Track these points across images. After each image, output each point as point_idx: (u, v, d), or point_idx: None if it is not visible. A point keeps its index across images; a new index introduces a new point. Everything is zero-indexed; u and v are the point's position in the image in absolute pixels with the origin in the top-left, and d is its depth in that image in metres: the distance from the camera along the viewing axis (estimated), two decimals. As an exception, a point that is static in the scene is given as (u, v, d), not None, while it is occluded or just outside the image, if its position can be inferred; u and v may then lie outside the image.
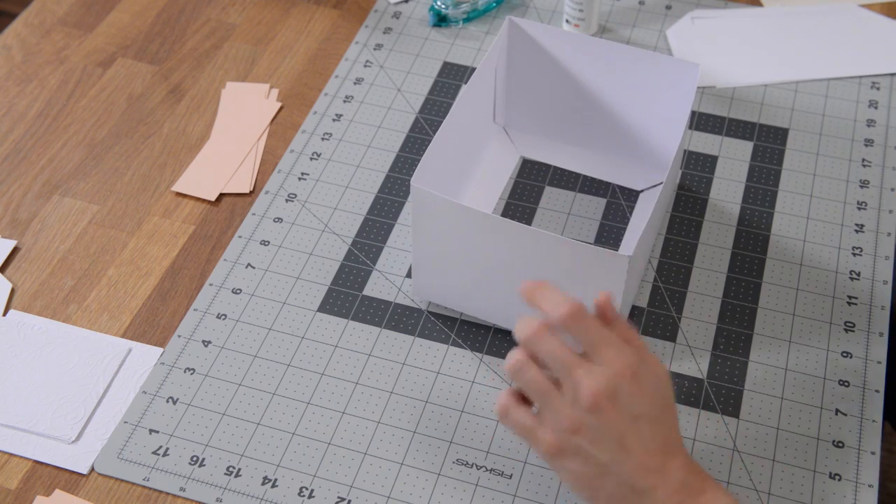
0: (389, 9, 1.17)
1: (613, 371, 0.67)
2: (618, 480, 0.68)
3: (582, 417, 0.67)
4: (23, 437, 0.82)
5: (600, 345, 0.68)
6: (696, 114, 1.05)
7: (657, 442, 0.68)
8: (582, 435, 0.67)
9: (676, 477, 0.68)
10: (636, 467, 0.67)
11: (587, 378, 0.67)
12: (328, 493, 0.79)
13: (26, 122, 1.06)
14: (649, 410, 0.68)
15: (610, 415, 0.67)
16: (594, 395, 0.66)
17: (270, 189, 0.99)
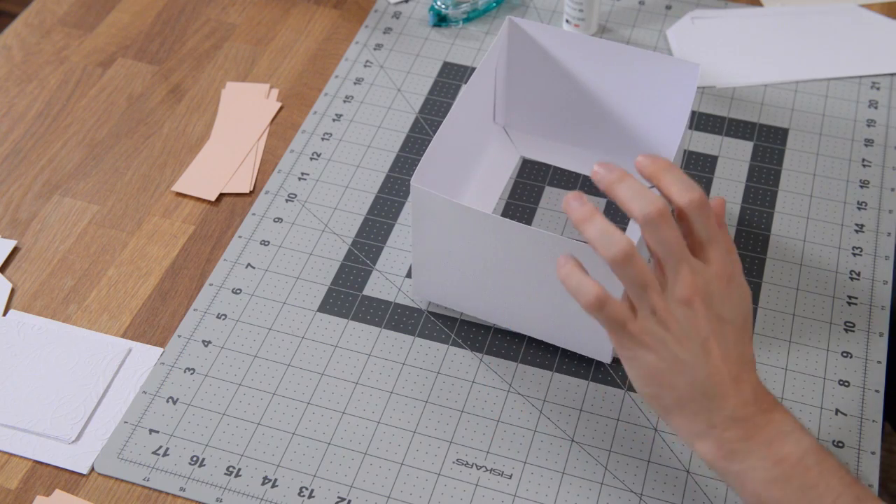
0: (389, 9, 1.17)
1: (715, 272, 0.67)
2: (692, 381, 0.66)
3: (674, 309, 0.66)
4: (23, 437, 0.82)
5: (713, 242, 0.67)
6: (696, 114, 1.05)
7: (737, 351, 0.67)
8: (670, 328, 0.66)
9: (749, 390, 0.67)
10: (713, 371, 0.66)
11: (692, 275, 0.66)
12: (328, 493, 0.79)
13: (26, 122, 1.06)
14: (735, 318, 0.68)
15: (700, 313, 0.66)
16: (692, 291, 0.66)
17: (270, 189, 0.99)
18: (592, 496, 0.78)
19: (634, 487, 0.79)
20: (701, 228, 0.68)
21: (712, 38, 1.13)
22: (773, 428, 0.67)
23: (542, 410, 0.83)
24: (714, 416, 0.67)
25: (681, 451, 0.81)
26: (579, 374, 0.85)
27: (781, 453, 0.66)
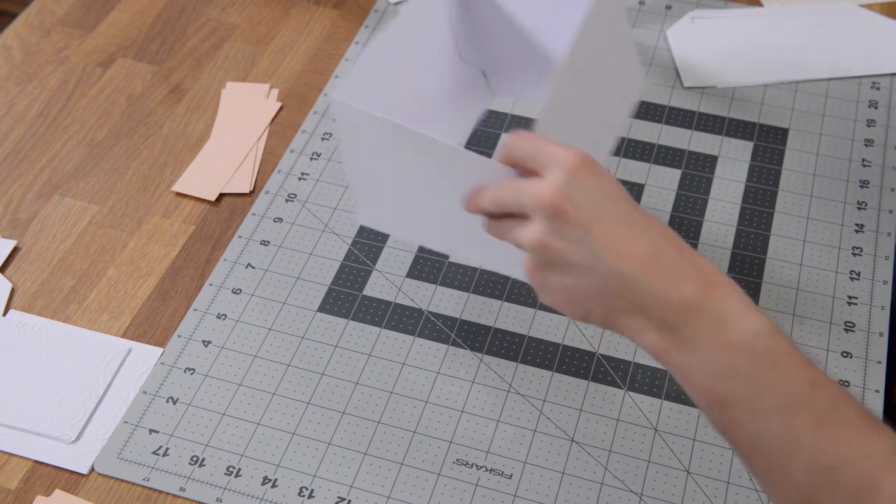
0: (389, 9, 1.17)
1: (562, 168, 0.63)
2: (602, 277, 0.62)
3: (544, 228, 0.63)
4: (23, 437, 0.82)
5: (542, 150, 0.64)
6: (697, 114, 1.05)
7: (636, 229, 0.62)
8: (551, 245, 0.63)
9: (674, 262, 0.61)
10: (621, 261, 0.61)
11: (537, 187, 0.63)
12: (328, 493, 0.79)
13: (26, 122, 1.06)
14: (610, 197, 0.63)
15: (571, 211, 0.62)
16: (549, 199, 0.62)
17: (270, 189, 0.99)
18: (592, 496, 0.78)
19: (634, 487, 0.79)
20: (526, 154, 0.65)
21: (712, 38, 1.13)
22: (717, 309, 0.60)
23: (542, 410, 0.83)
24: (647, 307, 0.62)
25: (681, 451, 0.81)
26: (579, 374, 0.85)
27: (727, 337, 0.59)
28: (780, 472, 0.58)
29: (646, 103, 1.06)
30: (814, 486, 0.57)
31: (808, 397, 0.58)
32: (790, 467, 0.58)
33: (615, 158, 1.01)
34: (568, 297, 0.65)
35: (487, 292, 0.91)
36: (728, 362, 0.59)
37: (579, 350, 0.87)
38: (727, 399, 0.59)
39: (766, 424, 0.58)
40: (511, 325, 0.88)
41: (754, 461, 0.60)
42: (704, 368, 0.60)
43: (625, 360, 0.86)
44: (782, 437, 0.57)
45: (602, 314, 0.64)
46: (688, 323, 0.60)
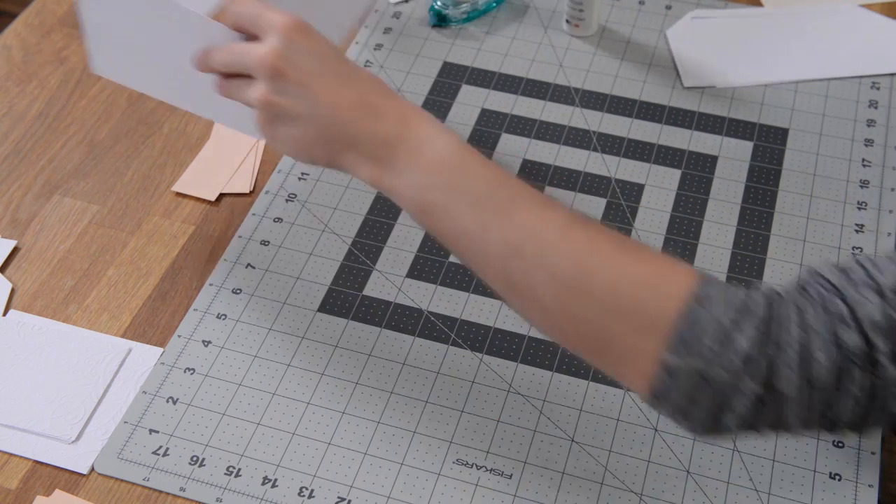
0: (389, 9, 1.17)
1: (279, 32, 0.73)
2: (321, 124, 0.73)
3: (268, 87, 0.73)
4: (23, 437, 0.82)
5: (261, 15, 0.74)
6: (697, 114, 1.05)
7: (350, 83, 0.73)
8: (275, 102, 0.73)
9: (376, 106, 0.72)
10: (335, 108, 0.72)
11: (258, 50, 0.73)
12: (328, 493, 0.79)
13: (26, 122, 1.06)
14: (328, 51, 0.74)
15: (289, 71, 0.72)
16: (269, 61, 0.72)
17: (270, 189, 0.99)
18: (592, 496, 0.78)
19: (634, 487, 0.79)
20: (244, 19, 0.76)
21: (712, 38, 1.13)
22: (413, 137, 0.71)
23: (542, 410, 0.83)
24: (358, 144, 0.72)
25: (681, 451, 0.81)
26: (579, 374, 0.85)
27: (424, 158, 0.71)
28: (480, 255, 0.70)
29: (646, 103, 1.06)
30: (506, 259, 0.68)
31: (493, 191, 0.69)
32: (486, 249, 0.69)
33: (615, 158, 1.01)
34: (295, 145, 0.75)
35: (487, 292, 0.91)
36: (427, 178, 0.71)
37: (579, 350, 0.87)
38: (431, 207, 0.71)
39: (463, 219, 0.69)
40: (511, 325, 0.88)
41: (460, 251, 0.71)
42: (409, 186, 0.71)
43: (625, 360, 0.86)
44: (476, 226, 0.69)
45: (325, 156, 0.75)
46: (392, 153, 0.71)
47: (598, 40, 1.13)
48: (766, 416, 0.65)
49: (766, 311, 0.64)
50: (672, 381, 0.65)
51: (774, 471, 0.80)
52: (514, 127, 1.04)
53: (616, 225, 0.95)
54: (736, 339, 0.63)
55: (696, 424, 0.67)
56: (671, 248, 0.94)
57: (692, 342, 0.64)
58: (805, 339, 0.63)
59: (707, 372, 0.64)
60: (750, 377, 0.63)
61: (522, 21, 1.15)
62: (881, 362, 0.63)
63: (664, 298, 0.65)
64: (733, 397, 0.64)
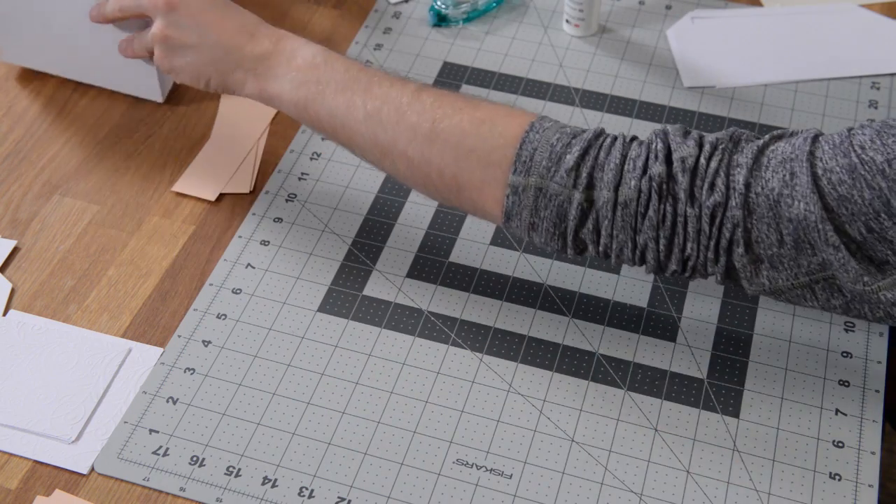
0: (389, 9, 1.17)
1: None
2: (211, 50, 0.89)
3: (163, 23, 0.90)
4: (23, 437, 0.82)
5: None
6: (697, 114, 1.05)
7: (228, 12, 0.90)
8: (170, 35, 0.90)
9: (261, 36, 0.88)
10: (221, 34, 0.88)
11: None
12: (328, 493, 0.79)
13: (26, 122, 1.06)
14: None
15: (180, 7, 0.89)
16: None
17: (270, 189, 0.99)
18: (592, 496, 0.78)
19: (634, 487, 0.79)
20: None
21: (712, 38, 1.13)
22: (286, 49, 0.87)
23: (542, 410, 0.83)
24: (242, 62, 0.88)
25: (681, 451, 0.81)
26: (580, 374, 0.85)
27: (296, 63, 0.86)
28: (350, 129, 0.84)
29: (646, 103, 1.06)
30: (371, 126, 0.83)
31: (354, 77, 0.85)
32: (353, 123, 0.84)
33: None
34: (191, 72, 0.91)
35: (487, 292, 0.91)
36: (299, 76, 0.86)
37: (579, 350, 0.87)
38: (305, 100, 0.86)
39: (332, 102, 0.84)
40: (511, 325, 0.88)
41: (335, 131, 0.86)
42: (286, 88, 0.86)
43: (625, 360, 0.86)
44: (344, 105, 0.84)
45: (218, 78, 0.90)
46: (270, 65, 0.88)
47: (598, 40, 1.13)
48: (589, 227, 0.77)
49: (593, 138, 0.77)
50: (518, 199, 0.78)
51: (774, 471, 0.80)
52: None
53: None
54: (564, 157, 0.77)
55: (546, 237, 0.79)
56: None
57: (531, 162, 0.77)
58: (621, 163, 0.76)
59: (544, 185, 0.77)
60: (575, 188, 0.76)
61: (522, 21, 1.15)
62: (679, 196, 0.74)
63: (506, 133, 0.79)
64: (567, 208, 0.77)
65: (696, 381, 0.85)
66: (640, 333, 0.88)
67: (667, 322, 0.88)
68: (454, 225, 0.96)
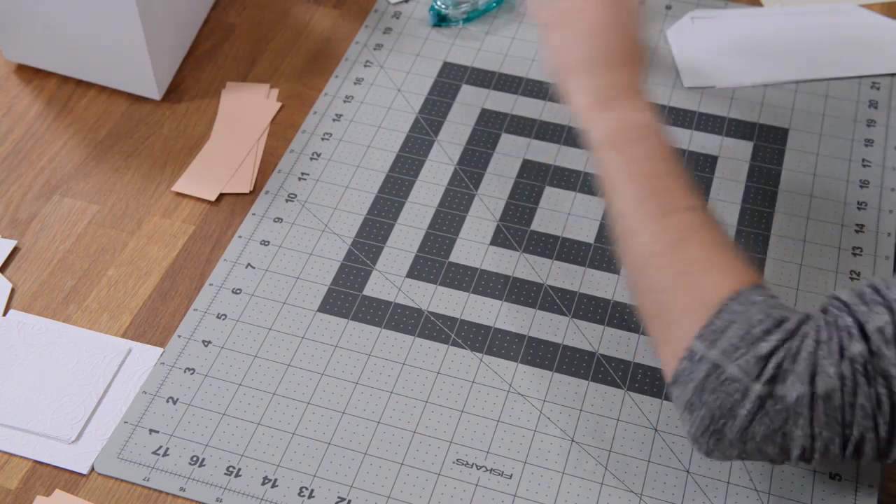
0: (389, 9, 1.17)
1: None
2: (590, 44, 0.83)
3: None
4: (23, 437, 0.82)
5: None
6: (697, 114, 1.05)
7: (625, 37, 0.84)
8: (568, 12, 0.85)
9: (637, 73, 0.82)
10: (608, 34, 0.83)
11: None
12: (328, 493, 0.79)
13: (26, 122, 1.06)
14: None
15: None
16: None
17: (270, 189, 0.99)
18: (592, 496, 0.78)
19: (634, 487, 0.79)
20: None
21: (712, 38, 1.13)
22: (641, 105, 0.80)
23: (542, 410, 0.83)
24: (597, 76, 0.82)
25: (681, 451, 0.81)
26: (579, 374, 0.85)
27: (629, 119, 0.80)
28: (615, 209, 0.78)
29: (646, 103, 1.06)
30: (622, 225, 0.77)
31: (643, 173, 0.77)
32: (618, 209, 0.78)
33: (615, 158, 1.01)
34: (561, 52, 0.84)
35: (487, 292, 0.91)
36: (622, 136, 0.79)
37: (579, 350, 0.87)
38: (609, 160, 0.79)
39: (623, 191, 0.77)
40: (511, 325, 0.88)
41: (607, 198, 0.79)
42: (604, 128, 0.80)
43: (625, 360, 0.86)
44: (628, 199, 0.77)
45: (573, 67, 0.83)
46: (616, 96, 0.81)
47: (598, 40, 1.13)
48: (767, 423, 0.67)
49: (795, 325, 0.68)
50: (691, 367, 0.69)
51: (774, 471, 0.79)
52: (514, 127, 1.04)
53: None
54: (760, 344, 0.67)
55: (697, 425, 0.69)
56: (671, 248, 0.94)
57: (719, 335, 0.68)
58: (815, 351, 0.66)
59: (722, 366, 0.67)
60: (757, 380, 0.66)
61: (522, 21, 1.15)
62: (890, 373, 0.65)
63: (719, 289, 0.70)
64: (738, 402, 0.67)
65: (696, 381, 0.85)
66: (639, 333, 0.88)
67: (667, 322, 0.88)
68: (454, 225, 0.96)
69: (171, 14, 1.06)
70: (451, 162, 1.01)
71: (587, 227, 0.95)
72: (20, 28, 1.05)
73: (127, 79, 1.06)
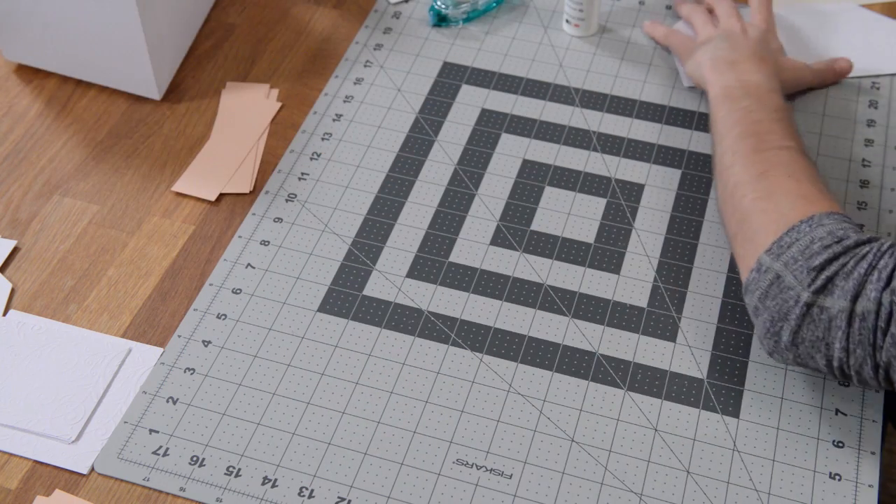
0: (389, 9, 1.17)
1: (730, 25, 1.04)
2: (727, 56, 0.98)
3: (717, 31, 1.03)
4: (23, 437, 0.82)
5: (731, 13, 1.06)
6: (697, 114, 1.05)
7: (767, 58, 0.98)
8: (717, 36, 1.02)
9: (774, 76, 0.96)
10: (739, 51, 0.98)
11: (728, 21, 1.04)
12: (328, 493, 0.79)
13: (26, 122, 1.06)
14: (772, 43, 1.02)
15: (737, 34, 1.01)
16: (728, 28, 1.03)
17: (270, 189, 0.99)
18: (592, 496, 0.78)
19: (634, 487, 0.79)
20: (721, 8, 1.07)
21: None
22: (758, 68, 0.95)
23: (542, 410, 0.83)
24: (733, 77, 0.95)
25: (681, 451, 0.81)
26: (579, 374, 0.85)
27: (745, 79, 0.94)
28: (716, 152, 0.91)
29: (646, 103, 1.06)
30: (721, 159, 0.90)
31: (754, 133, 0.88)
32: (720, 152, 0.90)
33: (615, 158, 1.01)
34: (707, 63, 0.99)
35: (487, 292, 0.91)
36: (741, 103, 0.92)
37: (579, 350, 0.87)
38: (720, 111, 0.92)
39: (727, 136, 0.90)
40: (511, 325, 0.88)
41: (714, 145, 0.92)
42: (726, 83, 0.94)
43: (625, 360, 0.86)
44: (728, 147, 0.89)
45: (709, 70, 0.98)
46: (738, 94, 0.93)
47: (598, 40, 1.13)
48: (812, 330, 0.74)
49: (853, 243, 0.75)
50: (758, 277, 0.78)
51: (774, 471, 0.80)
52: (514, 127, 1.04)
53: (616, 225, 0.95)
54: (815, 258, 0.74)
55: (762, 329, 0.78)
56: (671, 248, 0.94)
57: (785, 249, 0.77)
58: (867, 272, 0.72)
59: (782, 275, 0.76)
60: (808, 288, 0.74)
61: (522, 21, 1.15)
62: None
63: (794, 213, 0.79)
64: (791, 308, 0.75)
65: (696, 381, 0.85)
66: (640, 333, 0.88)
67: (667, 322, 0.89)
68: (454, 225, 0.96)
69: (171, 14, 1.06)
70: (451, 162, 1.01)
71: (587, 227, 0.95)
72: (20, 28, 1.05)
73: (127, 79, 1.06)
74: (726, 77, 0.94)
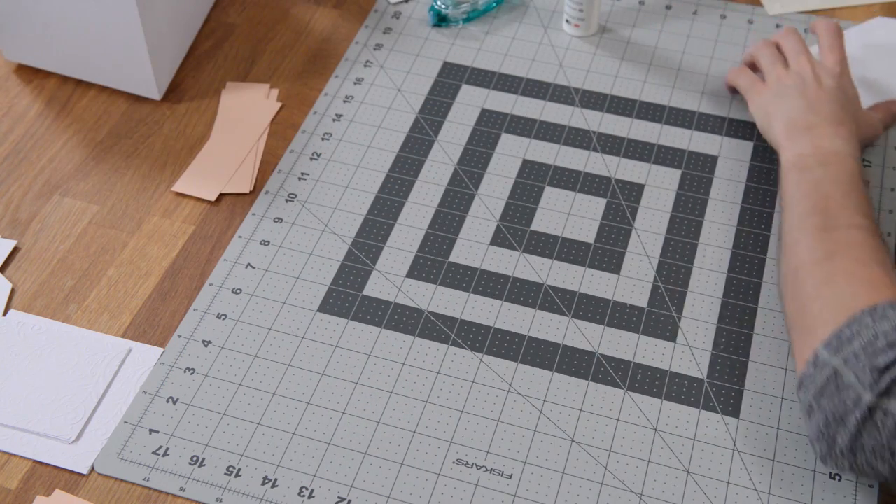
0: (389, 9, 1.17)
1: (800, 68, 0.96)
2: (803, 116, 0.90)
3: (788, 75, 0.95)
4: (23, 437, 0.82)
5: (802, 53, 0.98)
6: (697, 114, 1.05)
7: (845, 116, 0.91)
8: (786, 82, 0.95)
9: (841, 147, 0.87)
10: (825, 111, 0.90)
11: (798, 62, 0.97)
12: (328, 493, 0.79)
13: (26, 122, 1.06)
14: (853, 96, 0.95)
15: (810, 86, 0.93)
16: (799, 71, 0.95)
17: (270, 189, 0.99)
18: (592, 496, 0.78)
19: (634, 487, 0.79)
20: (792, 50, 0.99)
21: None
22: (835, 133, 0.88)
23: (542, 410, 0.83)
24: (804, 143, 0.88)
25: (681, 451, 0.81)
26: (579, 374, 0.85)
27: (820, 146, 0.88)
28: (785, 225, 0.84)
29: (646, 103, 1.06)
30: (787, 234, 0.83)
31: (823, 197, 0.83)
32: (788, 223, 0.84)
33: (615, 158, 1.01)
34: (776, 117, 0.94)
35: (487, 292, 0.91)
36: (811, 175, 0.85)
37: (579, 350, 0.87)
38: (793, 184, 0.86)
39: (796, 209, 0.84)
40: (511, 325, 0.88)
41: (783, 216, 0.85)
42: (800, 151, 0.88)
43: (625, 360, 0.86)
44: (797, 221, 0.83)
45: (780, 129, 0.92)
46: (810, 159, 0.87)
47: (598, 40, 1.13)
48: (875, 437, 0.67)
49: None
50: (814, 373, 0.72)
51: (774, 471, 0.80)
52: (514, 127, 1.04)
53: (616, 225, 0.95)
54: (880, 356, 0.68)
55: (814, 429, 0.72)
56: (671, 248, 0.94)
57: (845, 344, 0.70)
58: None
59: (841, 372, 0.69)
60: (870, 390, 0.67)
61: (522, 21, 1.15)
62: None
63: (858, 301, 0.72)
64: (850, 410, 0.68)
65: (696, 381, 0.85)
66: (640, 333, 0.88)
67: (667, 322, 0.89)
68: (454, 225, 0.96)
69: (171, 14, 1.06)
70: (451, 162, 1.01)
71: (587, 227, 0.95)
72: (20, 28, 1.05)
73: (127, 79, 1.06)
74: (801, 144, 0.88)
